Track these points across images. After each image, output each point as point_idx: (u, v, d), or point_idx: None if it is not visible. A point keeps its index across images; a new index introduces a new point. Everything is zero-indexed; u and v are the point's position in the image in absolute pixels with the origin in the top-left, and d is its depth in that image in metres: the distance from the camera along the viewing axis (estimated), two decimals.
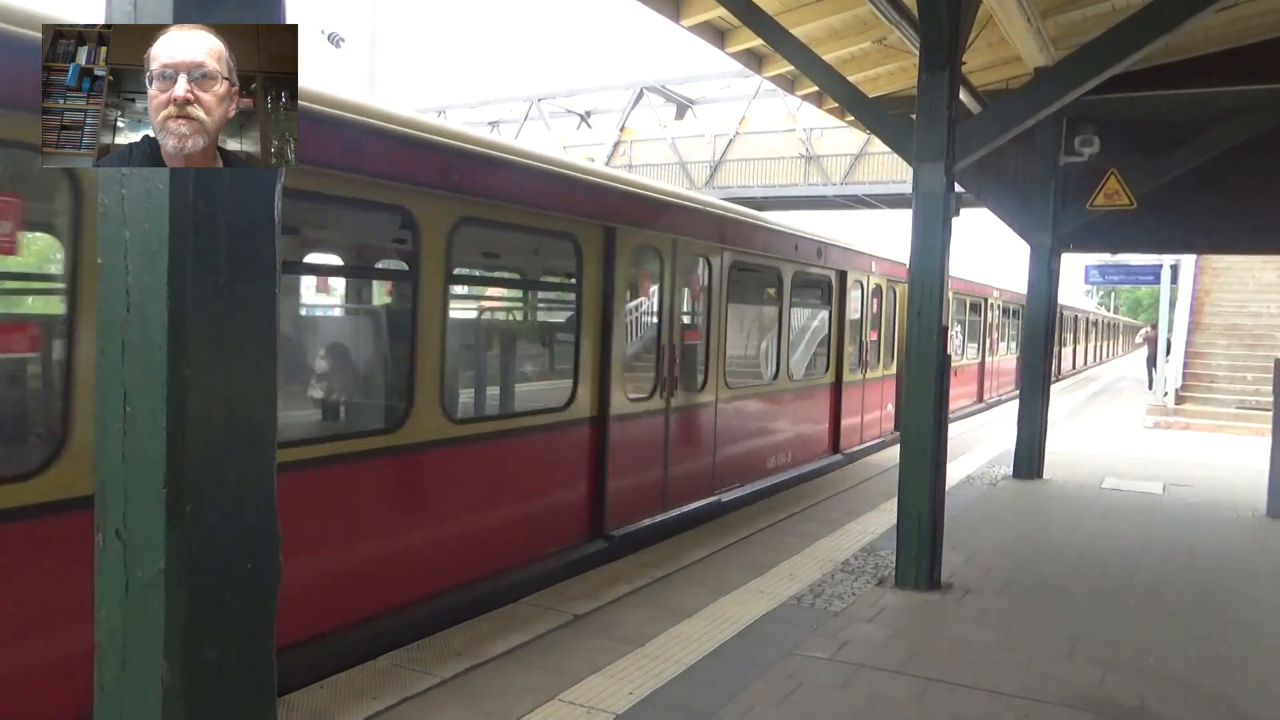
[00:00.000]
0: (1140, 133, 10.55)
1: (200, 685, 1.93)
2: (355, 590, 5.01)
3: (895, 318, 13.81)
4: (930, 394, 6.11)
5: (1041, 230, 10.71)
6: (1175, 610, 5.96)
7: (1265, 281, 21.96)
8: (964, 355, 20.43)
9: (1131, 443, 14.75)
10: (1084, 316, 41.05)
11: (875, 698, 4.40)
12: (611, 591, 5.87)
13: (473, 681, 4.42)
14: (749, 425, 9.44)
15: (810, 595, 5.92)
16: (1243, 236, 10.96)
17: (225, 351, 1.97)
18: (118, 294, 1.94)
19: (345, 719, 3.98)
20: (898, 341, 13.62)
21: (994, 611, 5.78)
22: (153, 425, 1.89)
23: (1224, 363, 19.43)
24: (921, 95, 6.19)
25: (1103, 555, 7.29)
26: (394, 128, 5.12)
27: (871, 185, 29.53)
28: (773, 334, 10.20)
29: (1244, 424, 16.47)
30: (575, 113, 38.42)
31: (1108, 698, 4.49)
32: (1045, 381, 10.89)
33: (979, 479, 10.56)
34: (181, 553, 1.89)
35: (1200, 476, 11.35)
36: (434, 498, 5.55)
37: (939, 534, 6.24)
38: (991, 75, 10.19)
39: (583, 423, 6.77)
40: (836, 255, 11.40)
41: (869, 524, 8.02)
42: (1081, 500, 9.56)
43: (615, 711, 4.12)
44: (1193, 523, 8.67)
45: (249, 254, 2.00)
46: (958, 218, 6.43)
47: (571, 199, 6.53)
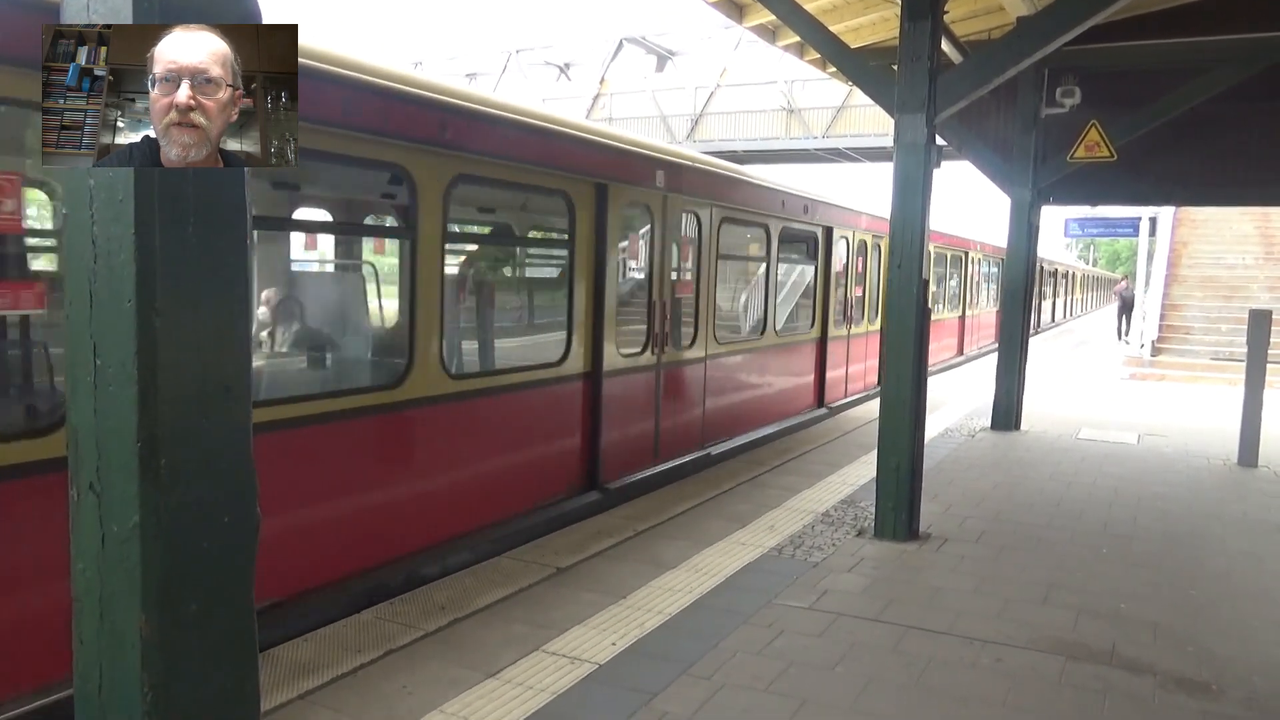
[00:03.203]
0: (1121, 84, 10.52)
1: (179, 637, 1.93)
2: (386, 533, 5.34)
3: (880, 274, 13.81)
4: (910, 346, 6.13)
5: (1022, 183, 10.73)
6: (1147, 556, 6.08)
7: (1241, 233, 22.11)
8: (942, 309, 20.58)
9: (1108, 394, 14.92)
10: (1062, 270, 41.12)
11: (853, 645, 4.48)
12: (595, 545, 5.91)
13: (456, 634, 4.46)
14: (738, 380, 9.54)
15: (790, 546, 5.99)
16: (1221, 188, 11.02)
17: (196, 303, 1.94)
18: (84, 245, 1.90)
19: (330, 671, 4.01)
20: (882, 298, 13.70)
21: (970, 560, 5.88)
22: (123, 378, 1.87)
23: (1199, 314, 19.62)
24: (903, 45, 6.13)
25: (1078, 504, 7.40)
26: (389, 84, 5.08)
27: (854, 138, 29.31)
28: (760, 290, 10.27)
29: (1218, 375, 16.69)
30: (554, 65, 37.84)
31: (1080, 641, 4.59)
32: (1024, 334, 10.98)
33: (957, 431, 10.67)
34: (156, 506, 1.88)
35: (1174, 427, 11.52)
36: (441, 451, 5.73)
37: (917, 485, 6.31)
38: (974, 25, 10.10)
39: (577, 378, 6.90)
40: (822, 211, 11.36)
41: (849, 476, 8.10)
42: (1058, 451, 9.69)
43: (598, 661, 4.17)
44: (1166, 472, 8.81)
45: (218, 204, 1.97)
46: (939, 170, 6.41)
47: (565, 155, 6.56)
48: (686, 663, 4.19)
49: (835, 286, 11.91)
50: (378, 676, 3.99)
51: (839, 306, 12.22)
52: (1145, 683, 4.16)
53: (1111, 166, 10.18)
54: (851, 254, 12.49)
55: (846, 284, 12.37)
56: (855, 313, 12.78)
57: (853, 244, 12.45)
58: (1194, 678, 4.22)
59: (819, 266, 11.36)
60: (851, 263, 12.61)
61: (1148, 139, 10.31)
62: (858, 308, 12.89)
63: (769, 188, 10.01)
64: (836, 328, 12.18)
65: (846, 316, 12.27)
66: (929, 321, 6.28)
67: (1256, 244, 21.70)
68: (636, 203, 7.46)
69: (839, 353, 12.41)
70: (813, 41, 7.51)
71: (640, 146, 7.65)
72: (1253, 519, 7.15)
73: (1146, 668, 4.31)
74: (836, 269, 11.88)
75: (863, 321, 13.21)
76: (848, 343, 12.71)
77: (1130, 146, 10.19)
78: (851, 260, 12.59)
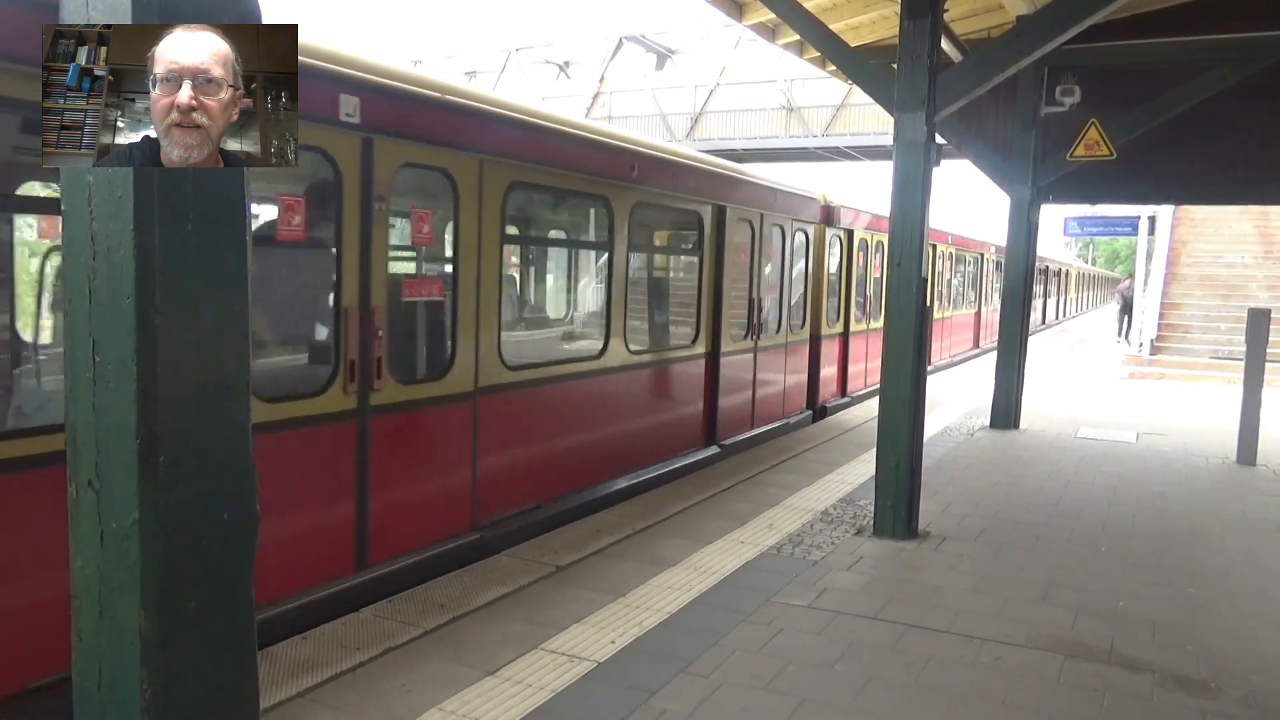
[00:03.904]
0: (1120, 83, 10.52)
1: (178, 634, 1.93)
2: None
3: (841, 271, 13.39)
4: (910, 345, 6.13)
5: (1021, 182, 10.73)
6: (1146, 555, 6.08)
7: (1240, 232, 22.11)
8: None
9: (1107, 393, 14.92)
10: (1055, 267, 40.59)
11: (852, 643, 4.48)
12: (594, 543, 5.91)
13: (456, 632, 4.46)
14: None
15: (789, 545, 5.99)
16: (1220, 187, 11.03)
17: (195, 301, 1.94)
18: (83, 241, 1.90)
19: (329, 669, 4.01)
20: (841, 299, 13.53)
21: (969, 558, 5.88)
22: (122, 375, 1.86)
23: (1198, 313, 19.62)
24: (903, 43, 6.13)
25: (1077, 502, 7.41)
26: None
27: (853, 137, 29.28)
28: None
29: (1217, 374, 16.70)
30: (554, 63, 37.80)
31: (1079, 640, 4.60)
32: (1023, 332, 10.98)
33: (956, 430, 10.68)
34: (155, 503, 1.88)
35: (1173, 425, 11.52)
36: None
37: (916, 483, 6.31)
38: (973, 24, 10.09)
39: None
40: (708, 184, 10.37)
41: (848, 475, 8.11)
42: (1057, 449, 9.69)
43: (597, 660, 4.17)
44: (1165, 470, 8.82)
45: (218, 202, 1.97)
46: (938, 168, 6.42)
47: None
48: (685, 661, 4.19)
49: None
50: (377, 674, 3.99)
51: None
52: (1144, 681, 4.16)
53: (1111, 165, 10.18)
54: (760, 242, 9.71)
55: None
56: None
57: (762, 231, 9.72)
58: (1193, 676, 4.23)
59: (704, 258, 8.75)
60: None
61: (1147, 138, 10.31)
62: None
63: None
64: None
65: (752, 325, 9.60)
66: (928, 320, 6.28)
67: (1255, 243, 21.70)
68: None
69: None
70: (812, 40, 7.51)
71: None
72: (1251, 517, 7.16)
73: (1145, 666, 4.31)
74: (741, 261, 9.37)
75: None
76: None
77: (1130, 145, 10.20)
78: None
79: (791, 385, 10.77)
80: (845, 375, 12.90)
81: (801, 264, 11.00)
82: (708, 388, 8.79)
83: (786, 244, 10.41)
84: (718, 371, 8.85)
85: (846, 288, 12.66)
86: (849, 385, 13.03)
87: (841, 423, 11.10)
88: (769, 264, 10.01)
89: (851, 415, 11.74)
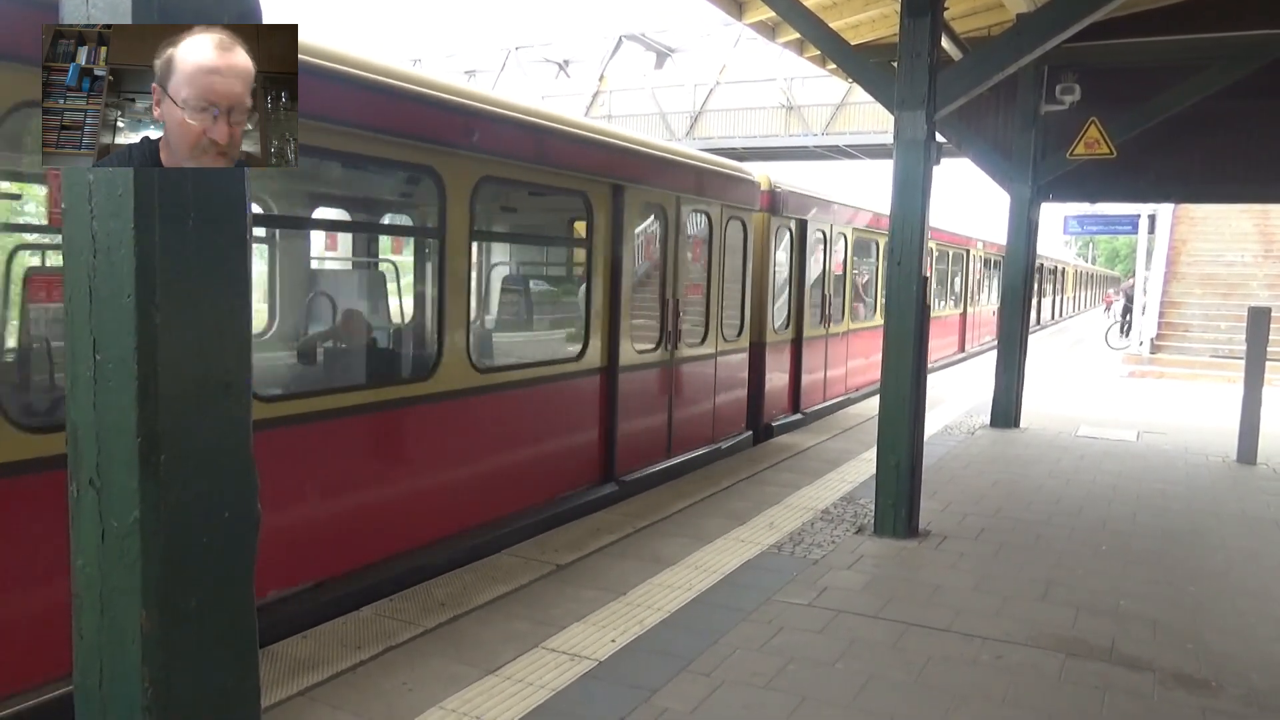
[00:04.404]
0: (1120, 81, 10.52)
1: (180, 632, 1.93)
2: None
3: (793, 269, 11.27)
4: (910, 343, 6.13)
5: (1021, 180, 10.74)
6: (1147, 553, 6.08)
7: (1240, 230, 22.10)
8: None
9: (1107, 392, 14.93)
10: (1049, 265, 39.98)
11: (853, 641, 4.48)
12: (594, 542, 5.92)
13: (456, 631, 4.46)
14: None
15: (790, 543, 5.99)
16: (1220, 185, 11.02)
17: (195, 299, 1.94)
18: (83, 239, 1.90)
19: (330, 668, 4.01)
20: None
21: (970, 557, 5.88)
22: (123, 374, 1.86)
23: (1199, 312, 19.63)
24: (903, 41, 6.13)
25: (1077, 501, 7.41)
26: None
27: (853, 135, 29.28)
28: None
29: (1218, 372, 16.70)
30: (553, 62, 37.78)
31: (1079, 638, 4.59)
32: (1023, 331, 10.99)
33: (957, 428, 10.68)
34: (156, 501, 1.88)
35: (1174, 424, 11.52)
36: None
37: (917, 482, 6.31)
38: (973, 22, 10.09)
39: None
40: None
41: (849, 474, 8.11)
42: (1057, 448, 9.69)
43: (598, 658, 4.17)
44: (1165, 469, 8.82)
45: (218, 200, 1.96)
46: (938, 167, 6.41)
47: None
48: (686, 659, 4.19)
49: (638, 285, 7.60)
50: (378, 673, 3.99)
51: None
52: (1145, 679, 4.16)
53: (1111, 164, 10.19)
54: (677, 232, 7.94)
55: (665, 280, 7.82)
56: (710, 324, 8.64)
57: (678, 218, 7.95)
58: (1193, 674, 4.23)
59: (592, 252, 7.00)
60: (676, 246, 7.95)
61: (1147, 136, 10.31)
62: (729, 317, 9.10)
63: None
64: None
65: (668, 332, 7.87)
66: (929, 318, 6.28)
67: (1255, 241, 21.69)
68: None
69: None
70: (812, 38, 7.51)
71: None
72: (1252, 516, 7.16)
73: (1146, 664, 4.31)
74: (649, 254, 7.81)
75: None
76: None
77: (1130, 144, 10.20)
78: (674, 242, 7.89)
79: (724, 403, 9.05)
80: (798, 388, 11.10)
81: (737, 259, 9.26)
82: (603, 411, 7.11)
83: (716, 235, 8.67)
84: (615, 391, 7.13)
85: (799, 287, 10.88)
86: (802, 400, 11.22)
87: (789, 445, 9.56)
88: (691, 258, 8.33)
89: (806, 434, 10.27)
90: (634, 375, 7.40)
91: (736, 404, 9.39)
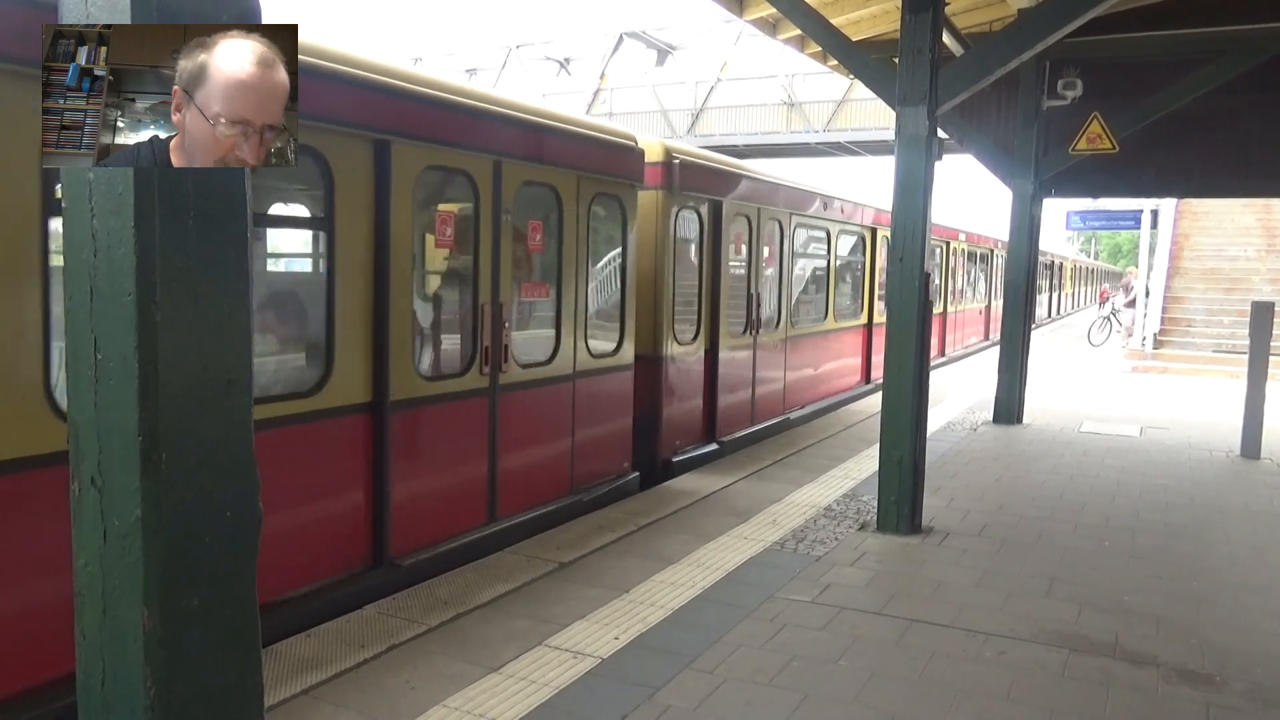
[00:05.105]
0: (1123, 76, 10.50)
1: (182, 631, 1.93)
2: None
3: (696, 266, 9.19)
4: (912, 339, 6.13)
5: (1024, 176, 10.71)
6: (1150, 549, 6.07)
7: (1243, 225, 22.05)
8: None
9: (1110, 387, 14.91)
10: (1045, 260, 39.50)
11: (857, 638, 4.47)
12: (597, 539, 5.91)
13: (459, 629, 4.46)
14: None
15: (793, 540, 5.99)
16: (1223, 180, 11.01)
17: (196, 297, 1.93)
18: (84, 238, 1.89)
19: (332, 666, 4.01)
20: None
21: (973, 553, 5.87)
22: (124, 372, 1.86)
23: (1201, 307, 19.59)
24: (904, 37, 6.11)
25: (1080, 497, 7.40)
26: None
27: (854, 132, 29.25)
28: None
29: (1221, 367, 16.67)
30: (554, 60, 37.76)
31: (1083, 634, 4.59)
32: (1026, 327, 10.98)
33: (959, 425, 10.67)
34: (158, 500, 1.87)
35: (1177, 419, 11.50)
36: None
37: (920, 478, 6.30)
38: (975, 17, 10.07)
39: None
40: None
41: (851, 470, 8.10)
42: (1060, 444, 9.68)
43: (601, 656, 4.17)
44: (1168, 464, 8.81)
45: (219, 198, 1.95)
46: (940, 163, 6.40)
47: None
48: (689, 657, 4.19)
49: (426, 286, 6.02)
50: (380, 672, 3.99)
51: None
52: (1148, 675, 4.15)
53: (1113, 159, 10.17)
54: (496, 215, 5.94)
55: (478, 280, 5.76)
56: (561, 337, 6.59)
57: (499, 195, 5.90)
58: (1197, 669, 4.22)
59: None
60: (495, 233, 5.92)
61: (1149, 131, 10.29)
62: (597, 326, 7.11)
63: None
64: (435, 382, 5.74)
65: (484, 350, 5.77)
66: (930, 315, 6.27)
67: (1258, 236, 21.65)
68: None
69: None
70: (813, 34, 7.50)
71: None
72: (1255, 511, 7.15)
73: (1149, 660, 4.31)
74: (447, 243, 5.87)
75: (573, 354, 6.89)
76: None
77: (1132, 139, 10.18)
78: (493, 228, 5.89)
79: (592, 439, 6.90)
80: (713, 411, 8.83)
81: (611, 250, 7.32)
82: (364, 467, 5.01)
83: (570, 220, 6.58)
84: (385, 436, 5.03)
85: (713, 286, 8.68)
86: (719, 425, 8.94)
87: (690, 490, 7.28)
88: (527, 249, 6.37)
89: (720, 472, 7.94)
90: (423, 413, 5.35)
91: (614, 438, 7.23)
